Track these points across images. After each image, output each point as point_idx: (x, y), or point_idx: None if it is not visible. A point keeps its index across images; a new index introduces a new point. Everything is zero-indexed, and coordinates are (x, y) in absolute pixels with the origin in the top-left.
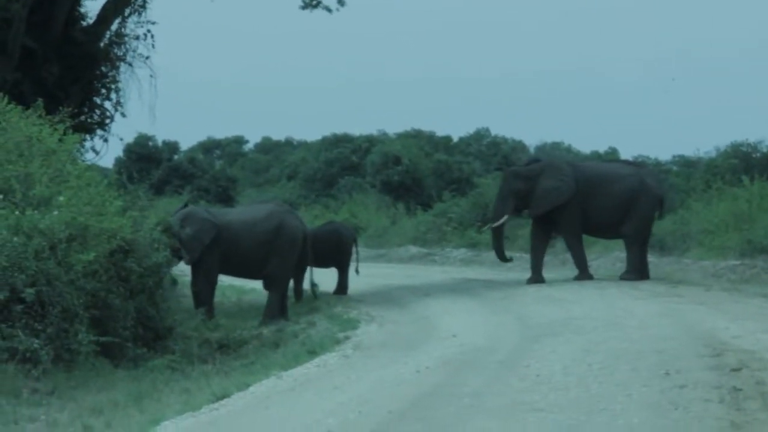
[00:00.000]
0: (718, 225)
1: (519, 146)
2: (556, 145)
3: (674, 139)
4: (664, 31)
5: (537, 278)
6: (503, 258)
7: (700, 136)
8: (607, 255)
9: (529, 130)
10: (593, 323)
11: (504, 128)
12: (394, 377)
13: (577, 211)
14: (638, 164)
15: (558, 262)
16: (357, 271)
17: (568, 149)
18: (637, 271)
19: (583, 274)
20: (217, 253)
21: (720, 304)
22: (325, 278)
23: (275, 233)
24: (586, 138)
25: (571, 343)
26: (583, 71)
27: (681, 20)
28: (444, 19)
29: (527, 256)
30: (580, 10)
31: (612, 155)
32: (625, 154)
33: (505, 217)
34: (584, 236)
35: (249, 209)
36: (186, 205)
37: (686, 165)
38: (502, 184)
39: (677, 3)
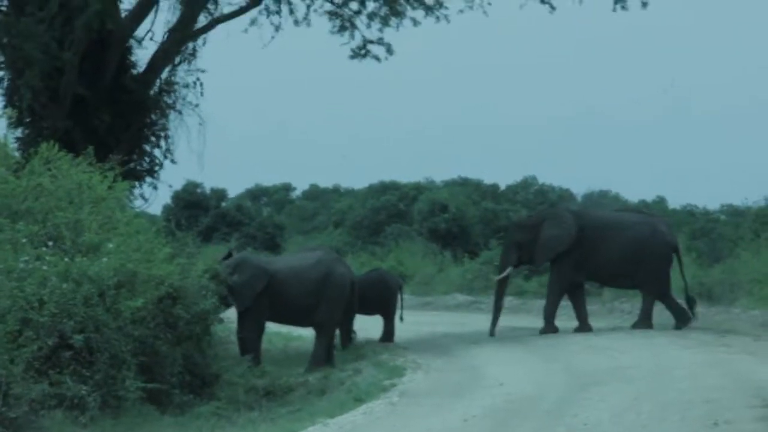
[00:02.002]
0: (767, 274)
1: (566, 194)
2: (603, 194)
3: (722, 188)
4: (713, 79)
5: (584, 327)
6: (495, 321)
7: (748, 185)
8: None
9: (577, 178)
10: (641, 372)
11: (551, 176)
12: (440, 426)
13: (570, 262)
14: (649, 213)
15: (605, 310)
16: (401, 319)
17: (616, 197)
18: (649, 319)
19: (548, 326)
20: (266, 301)
21: None
22: (370, 326)
23: (324, 281)
24: (634, 186)
25: (619, 393)
26: (630, 118)
27: (733, 69)
28: (490, 65)
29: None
30: (631, 50)
31: (659, 204)
32: (673, 203)
33: (509, 269)
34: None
35: (297, 257)
36: (230, 254)
37: (735, 214)
38: (506, 236)
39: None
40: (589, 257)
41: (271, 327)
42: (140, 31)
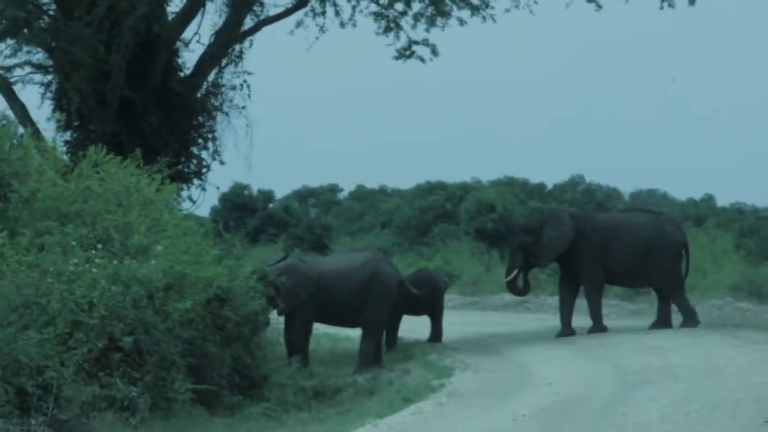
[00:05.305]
0: None
1: (614, 193)
2: (651, 192)
3: None
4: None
5: (567, 331)
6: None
7: None
8: (704, 302)
9: (625, 176)
10: (691, 371)
11: (599, 175)
12: (490, 426)
13: (595, 261)
14: (656, 212)
15: (653, 309)
16: None
17: (664, 196)
18: (693, 316)
19: (597, 326)
20: (313, 302)
21: None
22: (418, 326)
23: (370, 281)
24: (682, 185)
25: (668, 392)
26: (679, 116)
27: None
28: (534, 63)
29: (623, 303)
30: (686, 43)
31: (708, 202)
32: (722, 201)
33: (515, 271)
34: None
35: (344, 257)
36: (286, 257)
37: None
38: (511, 240)
39: None
40: (600, 259)
41: (318, 328)
42: (187, 34)
